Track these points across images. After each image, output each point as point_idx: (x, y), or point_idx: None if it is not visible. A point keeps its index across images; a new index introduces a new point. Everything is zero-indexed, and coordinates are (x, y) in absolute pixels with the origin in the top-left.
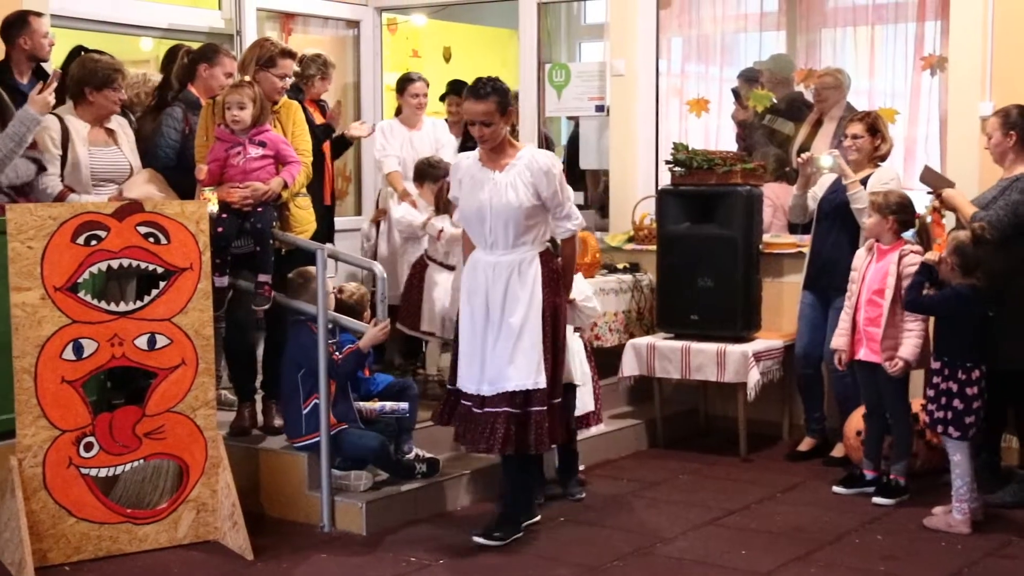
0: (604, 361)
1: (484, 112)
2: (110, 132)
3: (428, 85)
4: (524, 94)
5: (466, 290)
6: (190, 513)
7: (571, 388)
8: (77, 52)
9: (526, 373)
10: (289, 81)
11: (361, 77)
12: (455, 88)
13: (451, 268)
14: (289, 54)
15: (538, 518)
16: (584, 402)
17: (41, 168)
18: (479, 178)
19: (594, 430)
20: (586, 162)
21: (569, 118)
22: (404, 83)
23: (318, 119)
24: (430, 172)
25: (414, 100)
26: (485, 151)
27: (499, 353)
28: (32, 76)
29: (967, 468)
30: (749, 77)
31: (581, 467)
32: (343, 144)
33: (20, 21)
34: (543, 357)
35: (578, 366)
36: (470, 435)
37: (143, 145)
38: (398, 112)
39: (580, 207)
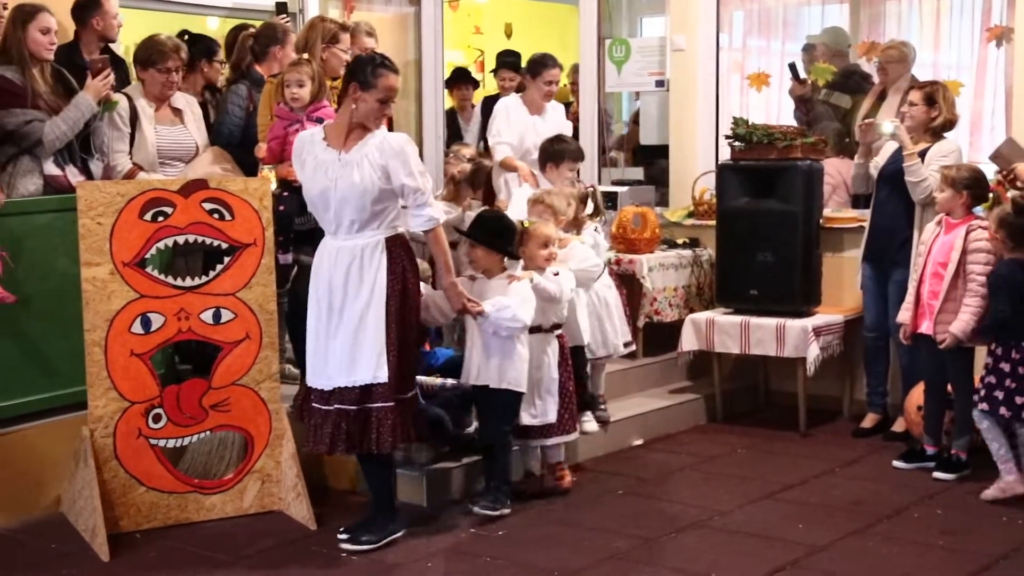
0: (663, 336)
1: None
2: (177, 111)
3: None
4: (584, 70)
5: (313, 278)
6: (255, 484)
7: (579, 350)
8: (181, 35)
9: (365, 367)
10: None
11: (423, 54)
12: (507, 61)
13: None
14: (345, 28)
15: (402, 532)
16: (546, 411)
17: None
18: (323, 158)
19: (554, 440)
20: (646, 138)
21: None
22: (538, 67)
23: None
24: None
25: (546, 87)
26: (333, 129)
27: (339, 346)
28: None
29: (997, 433)
30: (810, 51)
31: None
32: None
33: (93, 3)
34: (387, 350)
35: (586, 325)
36: (312, 434)
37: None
38: (517, 91)
39: (639, 183)
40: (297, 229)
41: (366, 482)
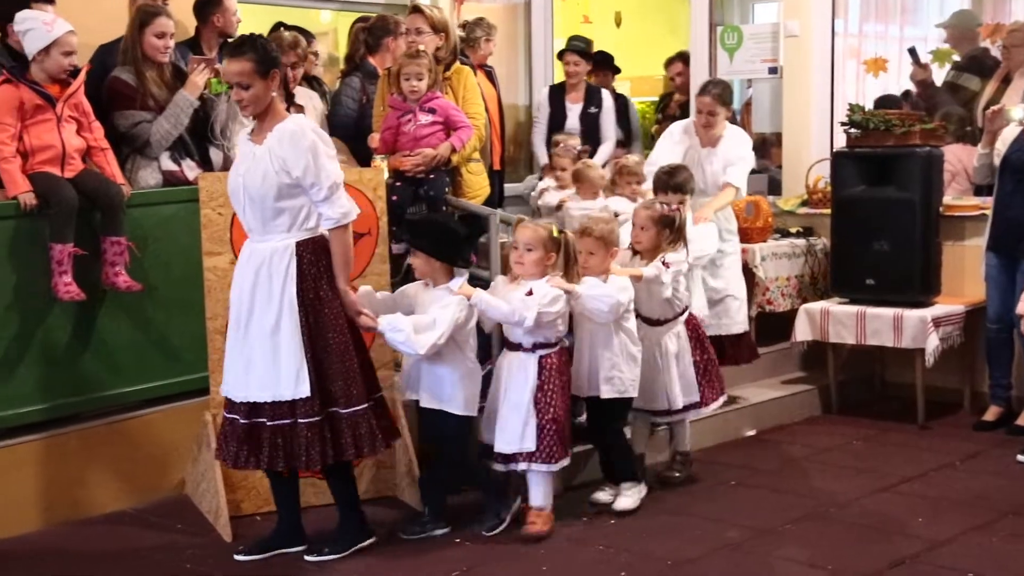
0: (776, 326)
1: (239, 72)
2: (299, 108)
3: None
4: (695, 58)
5: (233, 281)
6: (370, 470)
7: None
8: (277, 28)
9: (286, 383)
10: None
11: (532, 44)
12: (575, 45)
13: None
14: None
15: (373, 539)
16: (511, 435)
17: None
18: (242, 151)
19: (523, 466)
20: (759, 125)
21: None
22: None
23: (485, 84)
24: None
25: (696, 116)
26: (251, 120)
27: (257, 359)
28: (219, 51)
29: None
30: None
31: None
32: None
33: (214, 0)
34: (305, 363)
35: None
36: (221, 445)
37: None
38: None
39: (753, 171)
40: (410, 219)
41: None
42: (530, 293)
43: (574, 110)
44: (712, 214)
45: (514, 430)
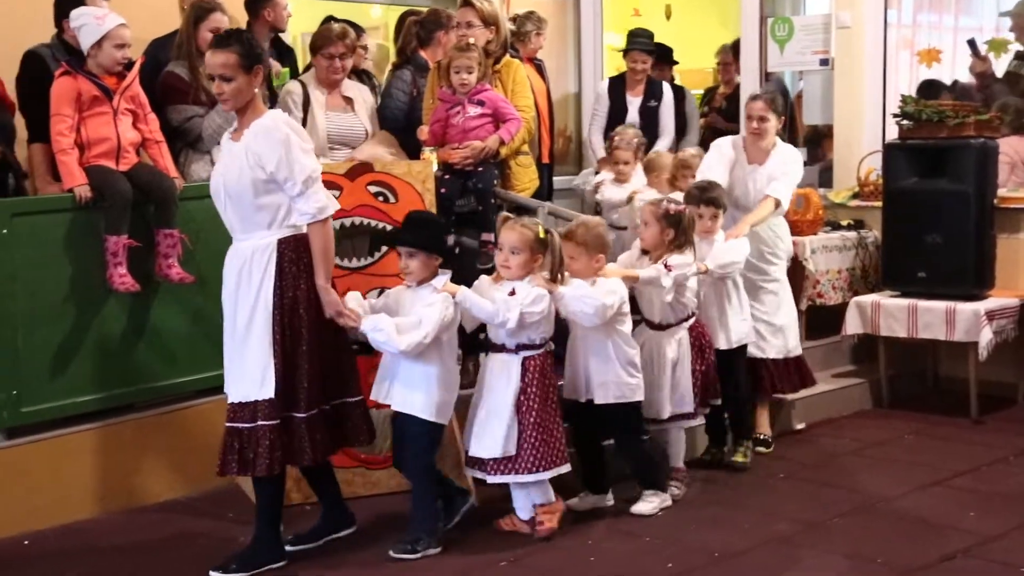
0: (826, 319)
1: (222, 64)
2: (348, 100)
3: None
4: (746, 49)
5: None
6: None
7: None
8: (327, 21)
9: (250, 382)
10: None
11: (582, 38)
12: (644, 45)
13: None
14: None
15: (284, 563)
16: (492, 441)
17: None
18: (224, 148)
19: (498, 478)
20: (809, 118)
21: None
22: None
23: (535, 77)
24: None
25: (748, 123)
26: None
27: (230, 357)
28: (270, 47)
29: None
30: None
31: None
32: None
33: None
34: (272, 363)
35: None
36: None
37: None
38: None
39: (803, 164)
40: (458, 211)
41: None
42: (512, 293)
43: (634, 103)
44: (747, 229)
45: (494, 435)
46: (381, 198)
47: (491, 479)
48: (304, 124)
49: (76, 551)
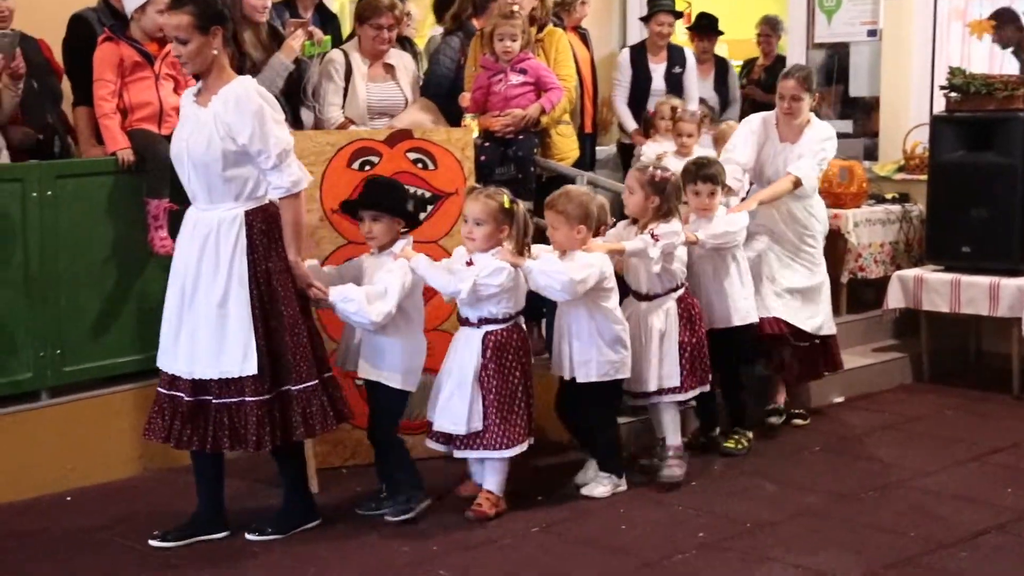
0: (867, 293)
1: (176, 26)
2: (389, 67)
3: None
4: (793, 20)
5: (176, 250)
6: None
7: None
8: None
9: (231, 359)
10: None
11: (627, 6)
12: (668, 6)
13: None
14: None
15: (318, 521)
16: (458, 415)
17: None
18: (186, 113)
19: (464, 453)
20: (856, 89)
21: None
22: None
23: (579, 46)
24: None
25: (780, 102)
26: (198, 80)
27: (200, 333)
28: (315, 12)
29: None
30: None
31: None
32: None
33: None
34: (253, 339)
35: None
36: (177, 426)
37: None
38: None
39: (847, 136)
40: (497, 179)
41: (280, 474)
42: (471, 263)
43: (658, 71)
44: (754, 205)
45: (458, 410)
46: (420, 165)
47: (458, 453)
48: (345, 93)
49: (117, 509)
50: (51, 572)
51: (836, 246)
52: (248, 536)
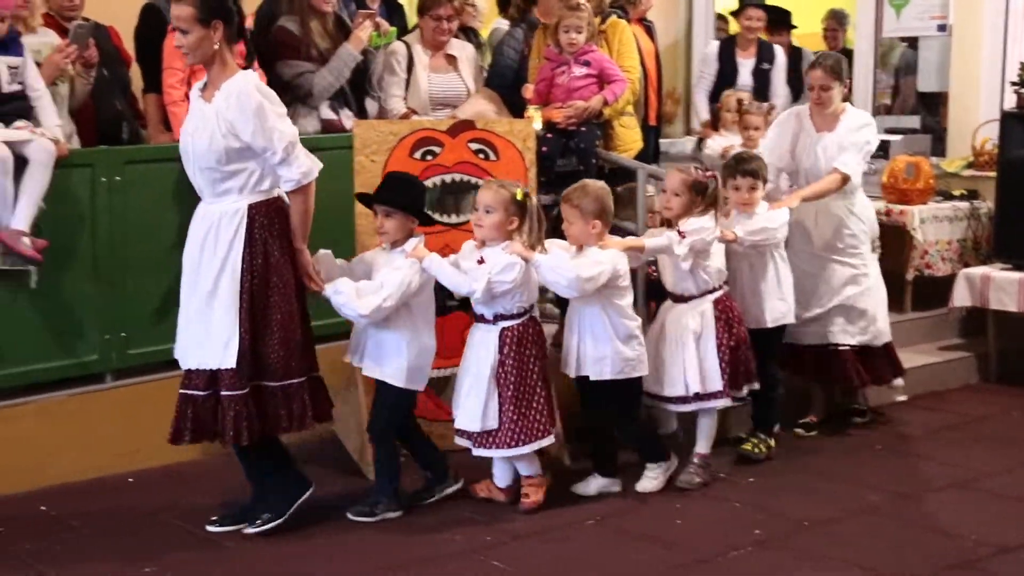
0: (934, 290)
1: (178, 17)
2: (451, 58)
3: None
4: (861, 14)
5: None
6: None
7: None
8: None
9: (212, 351)
10: None
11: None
12: (758, 1)
13: None
14: None
15: (312, 488)
16: (472, 413)
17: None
18: (193, 108)
19: (482, 452)
20: (924, 84)
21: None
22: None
23: (643, 38)
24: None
25: (811, 93)
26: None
27: (191, 322)
28: (381, 3)
29: None
30: None
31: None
32: None
33: None
34: (237, 332)
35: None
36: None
37: None
38: None
39: (914, 131)
40: (559, 171)
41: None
42: (481, 261)
43: (746, 66)
44: (797, 201)
45: (474, 408)
46: (482, 155)
47: (475, 452)
48: (407, 85)
49: (179, 491)
50: (113, 552)
51: (902, 242)
52: (247, 531)
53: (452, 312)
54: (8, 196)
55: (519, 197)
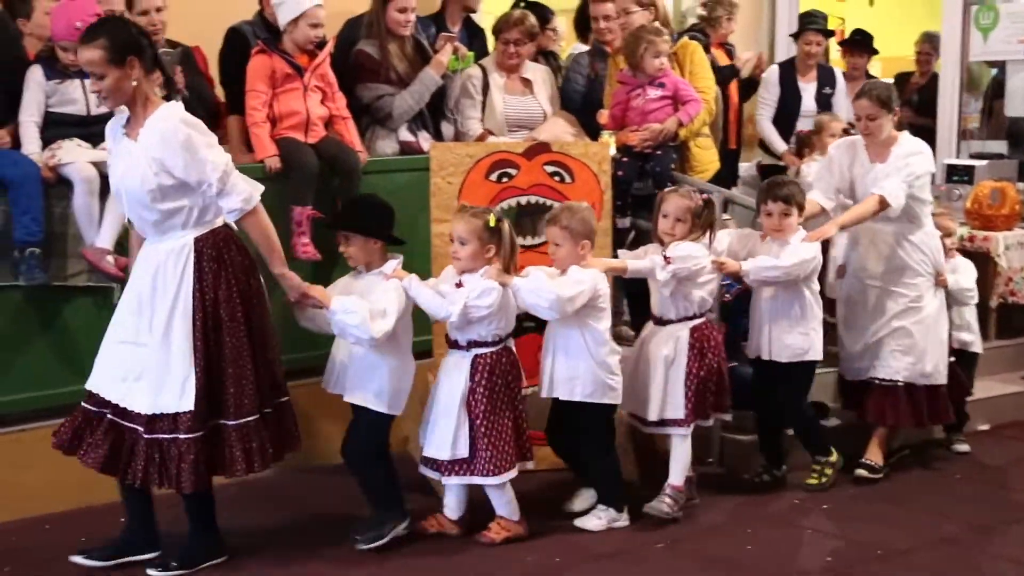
0: (1019, 318)
1: (88, 61)
2: (527, 81)
3: None
4: (947, 37)
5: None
6: None
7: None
8: (516, 4)
9: (170, 394)
10: None
11: (776, 23)
12: (819, 25)
13: None
14: None
15: (224, 558)
16: (442, 441)
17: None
18: (119, 149)
19: (456, 480)
20: (1012, 109)
21: (990, 64)
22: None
23: (723, 62)
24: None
25: (857, 122)
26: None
27: (144, 365)
28: (462, 26)
29: None
30: None
31: None
32: (754, 86)
33: None
34: (193, 374)
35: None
36: (102, 451)
37: None
38: None
39: (1000, 156)
40: (635, 194)
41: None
42: (459, 285)
43: (808, 90)
44: (834, 230)
45: (443, 435)
46: (557, 178)
47: (446, 480)
48: (483, 107)
49: (254, 505)
50: None
51: (986, 270)
52: (150, 571)
53: (528, 334)
54: (94, 215)
55: (491, 223)
